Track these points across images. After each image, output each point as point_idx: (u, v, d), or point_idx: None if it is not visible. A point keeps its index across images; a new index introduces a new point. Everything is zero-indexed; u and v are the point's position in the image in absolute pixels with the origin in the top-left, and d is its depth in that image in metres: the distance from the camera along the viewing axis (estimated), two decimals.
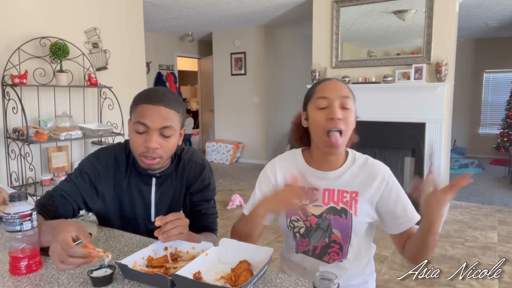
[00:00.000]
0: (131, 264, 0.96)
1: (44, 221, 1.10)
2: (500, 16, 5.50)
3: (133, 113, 1.21)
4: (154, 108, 1.16)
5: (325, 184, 1.20)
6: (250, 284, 0.87)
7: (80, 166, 1.29)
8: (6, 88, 2.90)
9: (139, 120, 1.17)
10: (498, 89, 7.55)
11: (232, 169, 6.52)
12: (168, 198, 1.33)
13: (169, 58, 7.42)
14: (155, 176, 1.30)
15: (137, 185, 1.30)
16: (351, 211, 1.17)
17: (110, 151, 1.32)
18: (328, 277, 0.76)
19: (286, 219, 1.25)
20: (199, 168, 1.34)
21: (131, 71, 3.84)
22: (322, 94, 1.14)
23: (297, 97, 7.49)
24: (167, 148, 1.20)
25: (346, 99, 1.14)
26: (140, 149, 1.19)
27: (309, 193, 1.19)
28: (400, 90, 4.00)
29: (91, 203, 1.28)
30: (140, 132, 1.17)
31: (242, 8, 5.28)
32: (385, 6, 4.10)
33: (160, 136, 1.17)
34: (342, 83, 1.20)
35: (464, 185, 0.98)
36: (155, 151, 1.18)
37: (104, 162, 1.29)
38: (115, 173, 1.29)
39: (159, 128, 1.16)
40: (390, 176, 1.20)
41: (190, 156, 1.36)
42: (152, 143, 1.16)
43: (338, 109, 1.11)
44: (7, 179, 2.97)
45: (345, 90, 1.16)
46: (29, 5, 3.06)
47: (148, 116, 1.16)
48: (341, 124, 1.11)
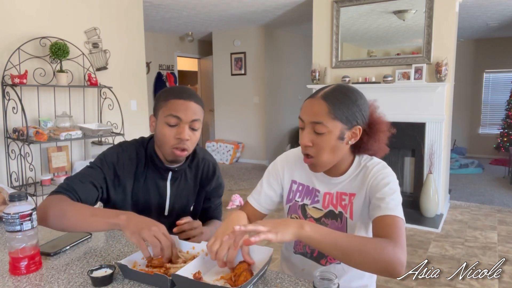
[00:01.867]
0: (131, 264, 0.96)
1: (85, 205, 1.16)
2: (500, 16, 5.50)
3: (162, 108, 1.26)
4: (186, 103, 1.24)
5: (327, 188, 1.19)
6: (250, 284, 0.87)
7: (104, 155, 1.32)
8: (6, 88, 2.90)
9: (171, 113, 1.23)
10: (498, 89, 7.55)
11: (232, 169, 6.52)
12: (182, 193, 1.39)
13: (169, 58, 7.41)
14: (172, 170, 1.35)
15: (153, 179, 1.35)
16: (346, 215, 1.15)
17: (133, 144, 1.36)
18: (328, 277, 0.76)
19: (287, 215, 1.28)
20: (212, 167, 1.45)
21: (131, 71, 3.84)
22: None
23: (297, 97, 7.49)
24: (194, 141, 1.29)
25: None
26: (172, 142, 1.25)
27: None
28: (400, 90, 4.00)
29: (113, 192, 1.30)
30: (172, 125, 1.24)
31: (242, 8, 5.28)
32: (385, 6, 4.10)
33: (190, 129, 1.25)
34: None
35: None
36: (185, 143, 1.25)
37: (127, 154, 1.33)
38: (136, 166, 1.33)
39: (190, 121, 1.24)
40: (379, 171, 1.13)
41: (204, 155, 1.45)
42: (185, 134, 1.23)
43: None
44: (7, 179, 2.97)
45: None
46: (29, 5, 3.06)
47: (181, 110, 1.23)
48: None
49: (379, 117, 1.17)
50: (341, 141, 1.09)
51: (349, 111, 1.08)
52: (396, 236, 0.96)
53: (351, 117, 1.08)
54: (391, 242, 0.94)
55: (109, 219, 1.06)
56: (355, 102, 1.10)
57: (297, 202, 1.24)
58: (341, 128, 1.08)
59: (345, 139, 1.10)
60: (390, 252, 0.91)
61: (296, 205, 1.25)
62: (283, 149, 7.22)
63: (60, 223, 1.11)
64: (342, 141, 1.10)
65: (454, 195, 4.85)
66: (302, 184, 1.25)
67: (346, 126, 1.08)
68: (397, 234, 0.97)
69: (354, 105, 1.09)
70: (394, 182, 1.10)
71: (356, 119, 1.09)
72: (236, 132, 7.21)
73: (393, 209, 1.02)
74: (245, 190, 5.10)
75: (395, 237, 0.96)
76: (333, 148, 1.09)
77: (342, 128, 1.08)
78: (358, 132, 1.11)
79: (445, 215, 4.10)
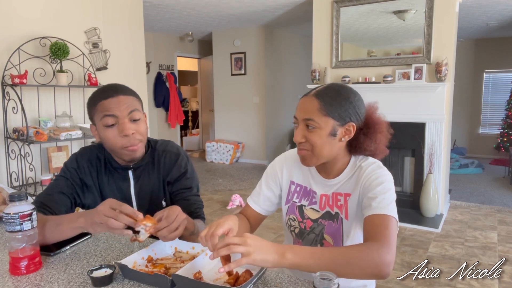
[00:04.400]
0: (131, 264, 0.96)
1: (51, 216, 1.13)
2: (500, 16, 5.50)
3: (96, 113, 1.23)
4: (114, 100, 1.20)
5: (324, 189, 1.20)
6: (250, 284, 0.87)
7: (65, 164, 1.34)
8: (6, 88, 2.90)
9: (105, 113, 1.19)
10: (498, 89, 7.54)
11: (232, 169, 6.52)
12: (148, 190, 1.35)
13: (169, 58, 7.41)
14: (131, 168, 1.33)
15: (115, 182, 1.34)
16: (342, 215, 1.16)
17: (91, 149, 1.37)
18: (328, 277, 0.76)
19: (285, 216, 1.28)
20: (174, 157, 1.36)
21: (131, 71, 3.84)
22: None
23: (297, 97, 7.49)
24: (141, 130, 1.24)
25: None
26: (119, 142, 1.21)
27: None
28: (400, 90, 4.00)
29: (82, 196, 1.32)
30: (110, 125, 1.20)
31: (242, 8, 5.28)
32: (385, 6, 4.10)
33: (130, 122, 1.21)
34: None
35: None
36: (134, 137, 1.21)
37: (86, 158, 1.34)
38: (97, 169, 1.34)
39: (128, 114, 1.21)
40: (374, 171, 1.11)
41: (164, 147, 1.38)
42: (127, 129, 1.19)
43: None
44: (7, 179, 2.97)
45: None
46: (29, 5, 3.06)
47: (113, 107, 1.19)
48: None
49: (378, 118, 1.17)
50: (333, 137, 1.10)
51: (341, 107, 1.09)
52: (383, 236, 0.96)
53: (344, 114, 1.10)
54: (377, 244, 0.94)
55: (71, 224, 1.06)
56: (347, 99, 1.11)
57: (295, 203, 1.25)
58: (332, 125, 1.09)
59: (338, 136, 1.11)
60: (375, 255, 0.91)
61: (294, 205, 1.25)
62: (283, 149, 7.22)
63: (45, 239, 1.08)
64: (335, 137, 1.11)
65: (454, 195, 4.84)
66: (300, 185, 1.25)
67: (338, 122, 1.10)
68: (385, 234, 0.97)
69: (347, 102, 1.10)
70: (388, 181, 1.09)
71: (349, 116, 1.10)
72: (236, 132, 7.21)
73: (384, 208, 1.02)
74: (245, 190, 5.10)
75: (382, 238, 0.96)
76: (325, 144, 1.10)
77: (334, 125, 1.09)
78: (352, 129, 1.11)
79: (445, 215, 4.10)
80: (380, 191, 1.06)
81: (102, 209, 0.99)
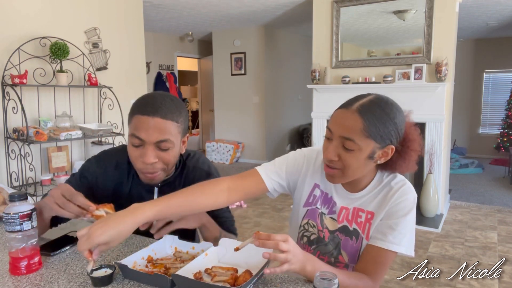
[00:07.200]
0: (131, 264, 0.96)
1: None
2: (500, 16, 5.50)
3: (130, 124, 1.14)
4: (149, 120, 1.08)
5: (345, 202, 1.12)
6: (250, 284, 0.87)
7: (82, 169, 1.27)
8: (6, 88, 2.90)
9: (134, 133, 1.10)
10: (498, 89, 7.55)
11: (232, 169, 6.52)
12: None
13: (169, 58, 7.41)
14: (157, 186, 1.25)
15: (139, 192, 1.25)
16: (363, 235, 1.08)
17: (112, 156, 1.28)
18: (328, 277, 0.76)
19: (302, 219, 1.18)
20: (205, 175, 1.26)
21: (131, 71, 3.85)
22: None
23: (297, 97, 7.49)
24: (167, 160, 1.14)
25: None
26: (137, 164, 1.14)
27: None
28: (400, 90, 4.00)
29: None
30: (136, 146, 1.11)
31: (242, 8, 5.28)
32: (385, 6, 4.10)
33: (157, 149, 1.11)
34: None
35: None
36: (153, 166, 1.12)
37: (103, 168, 1.25)
38: (115, 180, 1.25)
39: (155, 142, 1.10)
40: (403, 196, 1.04)
41: (195, 163, 1.29)
42: (148, 158, 1.09)
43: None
44: (7, 179, 2.97)
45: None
46: (29, 5, 3.06)
47: (143, 129, 1.08)
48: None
49: (414, 134, 1.06)
50: (370, 160, 1.01)
51: (385, 129, 0.98)
52: (380, 274, 1.03)
53: (386, 136, 0.98)
54: (372, 282, 1.01)
55: (40, 216, 1.08)
56: (393, 119, 0.99)
57: (318, 209, 1.16)
58: (373, 147, 0.98)
59: (375, 158, 1.01)
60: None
61: (316, 212, 1.16)
62: (283, 149, 7.23)
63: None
64: (371, 160, 1.01)
65: (454, 195, 4.84)
66: (322, 191, 1.16)
67: (379, 145, 0.99)
68: (381, 272, 1.03)
69: (392, 123, 0.99)
70: (413, 212, 1.05)
71: (390, 138, 0.99)
72: (236, 132, 7.21)
73: (397, 244, 1.02)
74: None
75: (378, 276, 1.02)
76: (360, 166, 1.01)
77: (374, 147, 0.99)
78: (390, 152, 1.01)
79: (445, 215, 4.10)
80: (401, 223, 1.03)
81: (53, 193, 1.00)
